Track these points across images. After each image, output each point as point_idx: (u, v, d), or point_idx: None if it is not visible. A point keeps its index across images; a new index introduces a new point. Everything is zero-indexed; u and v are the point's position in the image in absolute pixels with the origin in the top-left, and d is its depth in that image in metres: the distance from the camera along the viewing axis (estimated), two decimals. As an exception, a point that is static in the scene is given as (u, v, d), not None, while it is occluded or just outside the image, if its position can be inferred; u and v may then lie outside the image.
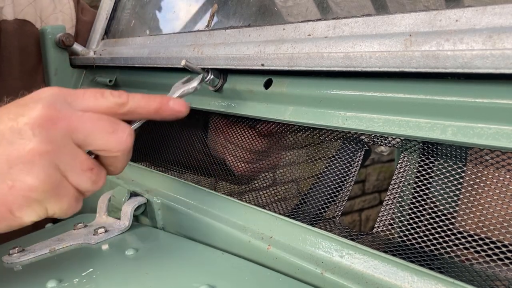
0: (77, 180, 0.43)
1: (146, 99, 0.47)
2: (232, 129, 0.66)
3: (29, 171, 0.39)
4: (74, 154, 0.42)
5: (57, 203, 0.42)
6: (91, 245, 0.56)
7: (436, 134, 0.37)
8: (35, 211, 0.41)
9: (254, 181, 0.62)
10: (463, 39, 0.33)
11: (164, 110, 0.48)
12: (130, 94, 0.46)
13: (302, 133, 0.55)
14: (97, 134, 0.43)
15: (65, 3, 0.91)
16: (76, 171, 0.42)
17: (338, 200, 0.52)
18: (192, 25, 0.74)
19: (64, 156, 0.41)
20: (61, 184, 0.42)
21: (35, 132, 0.40)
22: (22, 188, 0.40)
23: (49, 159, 0.40)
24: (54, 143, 0.40)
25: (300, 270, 0.42)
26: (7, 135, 0.40)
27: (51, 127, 0.40)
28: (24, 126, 0.40)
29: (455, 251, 0.38)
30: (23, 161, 0.39)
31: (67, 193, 0.42)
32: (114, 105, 0.45)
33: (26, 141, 0.39)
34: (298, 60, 0.45)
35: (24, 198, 0.40)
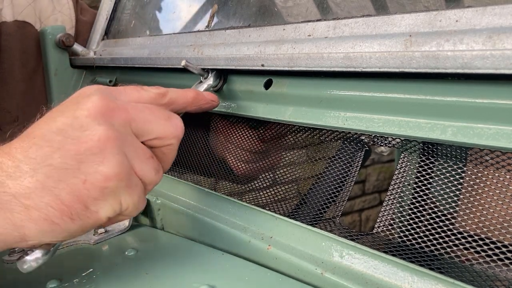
0: (143, 169, 0.42)
1: (182, 90, 0.48)
2: (232, 129, 0.66)
3: (102, 161, 0.38)
4: (136, 142, 0.42)
5: (130, 195, 0.41)
6: (91, 245, 0.56)
7: (436, 134, 0.37)
8: (111, 205, 0.40)
9: (255, 181, 0.62)
10: (463, 39, 0.33)
11: (200, 99, 0.50)
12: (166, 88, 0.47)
13: (302, 133, 0.55)
14: (155, 120, 0.43)
15: (64, 3, 0.91)
16: (141, 159, 0.41)
17: (338, 201, 0.52)
18: (192, 25, 0.74)
19: (129, 144, 0.40)
20: (131, 173, 0.41)
21: (99, 121, 0.39)
22: (97, 180, 0.38)
23: (118, 146, 0.39)
24: (118, 130, 0.40)
25: (300, 270, 0.42)
26: (69, 132, 0.38)
27: (113, 116, 0.40)
28: (85, 119, 0.39)
29: (455, 251, 0.38)
30: (93, 151, 0.38)
31: (136, 183, 0.41)
32: (156, 95, 0.45)
33: (92, 131, 0.38)
34: (298, 61, 0.45)
35: (99, 190, 0.38)
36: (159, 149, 0.45)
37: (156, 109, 0.44)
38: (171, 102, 0.46)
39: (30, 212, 0.37)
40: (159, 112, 0.43)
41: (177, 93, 0.47)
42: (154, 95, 0.45)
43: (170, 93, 0.46)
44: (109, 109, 0.40)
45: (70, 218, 0.38)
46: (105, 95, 0.41)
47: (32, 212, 0.37)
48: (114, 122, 0.39)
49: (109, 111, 0.40)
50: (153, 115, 0.43)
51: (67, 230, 0.39)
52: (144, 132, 0.42)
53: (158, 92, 0.46)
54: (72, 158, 0.38)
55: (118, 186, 0.39)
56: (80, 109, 0.39)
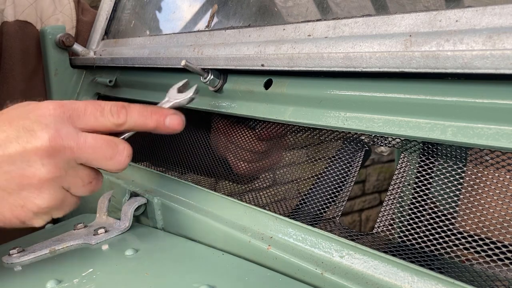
0: (78, 192, 0.49)
1: (143, 118, 0.50)
2: (232, 129, 0.66)
3: (38, 195, 0.46)
4: (77, 173, 0.48)
5: (61, 212, 0.49)
6: (91, 245, 0.56)
7: (436, 135, 0.37)
8: (43, 219, 0.49)
9: (255, 181, 0.62)
10: (463, 39, 0.33)
11: (160, 129, 0.51)
12: (128, 109, 0.50)
13: (302, 133, 0.55)
14: (98, 160, 0.48)
15: (66, 3, 0.91)
16: (78, 186, 0.48)
17: (338, 201, 0.52)
18: (192, 25, 0.74)
19: (68, 177, 0.47)
20: (65, 198, 0.48)
21: (43, 162, 0.45)
22: (32, 208, 0.46)
23: (56, 184, 0.46)
24: (60, 169, 0.46)
25: (300, 270, 0.42)
26: (18, 161, 0.45)
27: (57, 156, 0.46)
28: (33, 156, 0.45)
29: (455, 251, 0.38)
30: (33, 186, 0.45)
31: (69, 203, 0.49)
32: (112, 125, 0.49)
33: (36, 170, 0.45)
34: (298, 61, 0.45)
35: (33, 213, 0.47)
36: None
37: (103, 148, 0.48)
38: (127, 129, 0.50)
39: None
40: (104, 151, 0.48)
41: (136, 122, 0.50)
42: (111, 125, 0.49)
43: (128, 123, 0.49)
44: (56, 150, 0.45)
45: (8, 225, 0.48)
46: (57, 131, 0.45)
47: None
48: (58, 161, 0.46)
49: (55, 152, 0.45)
50: (97, 155, 0.48)
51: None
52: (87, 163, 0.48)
53: (115, 122, 0.49)
54: (15, 185, 0.45)
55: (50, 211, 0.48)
56: (31, 144, 0.45)
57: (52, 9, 0.90)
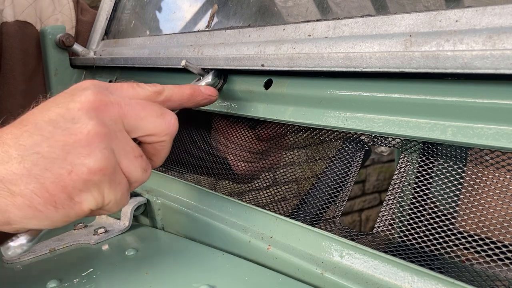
0: (129, 166, 0.42)
1: (179, 87, 0.48)
2: (232, 129, 0.66)
3: (88, 154, 0.39)
4: (126, 140, 0.42)
5: (113, 191, 0.41)
6: (91, 245, 0.56)
7: (436, 135, 0.37)
8: (94, 197, 0.41)
9: (255, 181, 0.62)
10: (463, 39, 0.33)
11: (197, 95, 0.49)
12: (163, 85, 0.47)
13: (302, 133, 0.55)
14: (148, 117, 0.43)
15: (65, 4, 0.91)
16: (129, 157, 0.42)
17: (338, 200, 0.52)
18: (192, 25, 0.74)
19: (118, 140, 0.41)
20: (117, 170, 0.41)
21: (90, 115, 0.40)
22: (82, 172, 0.39)
23: (106, 142, 0.40)
24: (109, 126, 0.40)
25: (300, 270, 0.42)
26: (60, 122, 0.39)
27: (105, 111, 0.41)
28: (77, 112, 0.39)
29: (455, 251, 0.38)
30: (81, 144, 0.39)
31: (121, 180, 0.42)
32: (151, 93, 0.46)
33: (83, 124, 0.39)
34: (298, 61, 0.45)
35: (84, 182, 0.39)
36: (151, 145, 0.45)
37: (149, 105, 0.44)
38: (167, 99, 0.47)
39: (15, 198, 0.38)
40: (151, 108, 0.44)
41: (173, 90, 0.47)
42: (150, 93, 0.46)
43: (166, 91, 0.47)
44: (102, 104, 0.40)
45: (54, 207, 0.39)
46: (100, 90, 0.41)
47: (17, 198, 0.38)
48: (105, 118, 0.40)
49: (102, 106, 0.40)
50: (145, 112, 0.43)
51: (50, 218, 0.39)
52: (135, 129, 0.43)
53: (154, 90, 0.46)
54: (60, 149, 0.38)
55: (102, 180, 0.40)
56: (74, 102, 0.40)
57: (51, 9, 0.90)
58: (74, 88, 0.42)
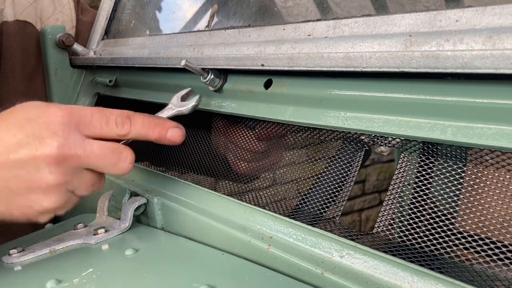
0: (82, 192, 0.52)
1: (146, 129, 0.54)
2: (232, 129, 0.66)
3: (45, 198, 0.49)
4: (82, 177, 0.51)
5: (65, 209, 0.53)
6: (91, 245, 0.56)
7: (436, 134, 0.37)
8: (48, 217, 0.52)
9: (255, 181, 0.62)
10: (463, 39, 0.33)
11: (161, 140, 0.55)
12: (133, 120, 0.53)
13: (302, 133, 0.55)
14: (103, 166, 0.51)
15: (65, 3, 0.91)
16: (81, 189, 0.52)
17: (338, 200, 0.52)
18: (192, 25, 0.74)
19: (74, 181, 0.50)
20: (69, 199, 0.51)
21: (51, 169, 0.48)
22: (39, 209, 0.50)
23: (63, 188, 0.50)
24: (66, 175, 0.49)
25: (300, 270, 0.42)
26: (26, 165, 0.48)
27: (64, 163, 0.49)
28: (41, 163, 0.48)
29: (455, 251, 0.38)
30: (40, 190, 0.49)
31: (72, 201, 0.52)
32: (116, 135, 0.52)
33: (43, 176, 0.48)
34: (298, 60, 0.45)
35: (40, 213, 0.51)
36: None
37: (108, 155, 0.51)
38: (130, 139, 0.54)
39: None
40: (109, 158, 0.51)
41: (139, 133, 0.53)
42: (115, 135, 0.52)
43: (131, 134, 0.53)
44: (63, 158, 0.48)
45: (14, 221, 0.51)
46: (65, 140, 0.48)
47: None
48: (65, 168, 0.49)
49: (63, 159, 0.48)
50: (102, 162, 0.51)
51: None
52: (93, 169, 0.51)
53: (119, 133, 0.52)
54: (24, 188, 0.49)
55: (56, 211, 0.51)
56: (40, 151, 0.48)
57: (51, 9, 0.90)
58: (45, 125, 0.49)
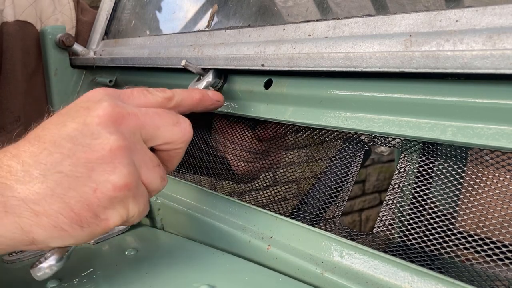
0: (149, 177, 0.42)
1: (188, 91, 0.49)
2: (232, 129, 0.66)
3: (113, 170, 0.38)
4: (145, 150, 0.42)
5: (137, 204, 0.41)
6: (91, 245, 0.56)
7: (436, 134, 0.37)
8: (119, 213, 0.40)
9: (255, 181, 0.62)
10: (463, 39, 0.33)
11: (206, 100, 0.50)
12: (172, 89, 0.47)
13: (302, 133, 0.55)
14: (165, 126, 0.43)
15: (65, 4, 0.91)
16: (148, 167, 0.42)
17: (338, 200, 0.52)
18: (192, 25, 0.74)
19: (137, 152, 0.41)
20: (139, 182, 0.41)
21: (110, 129, 0.39)
22: (107, 189, 0.38)
23: (128, 155, 0.39)
24: (128, 139, 0.40)
25: (300, 270, 0.42)
26: (80, 139, 0.38)
27: (123, 123, 0.40)
28: (96, 127, 0.39)
29: (455, 251, 0.38)
30: (105, 161, 0.38)
31: (143, 192, 0.42)
32: (162, 100, 0.45)
33: (104, 140, 0.38)
34: (298, 61, 0.45)
35: (109, 199, 0.38)
36: (166, 152, 0.45)
37: (164, 114, 0.44)
38: (177, 105, 0.47)
39: (39, 218, 0.37)
40: (167, 117, 0.44)
41: (182, 95, 0.47)
42: (161, 99, 0.45)
43: (176, 96, 0.47)
44: (120, 116, 0.40)
45: (79, 226, 0.38)
46: (115, 102, 0.41)
47: (41, 218, 0.37)
48: (124, 130, 0.40)
49: (120, 118, 0.40)
50: (162, 121, 0.43)
51: (76, 237, 0.39)
52: (153, 138, 0.43)
53: (165, 96, 0.46)
54: (83, 166, 0.38)
55: (127, 195, 0.39)
56: (91, 116, 0.39)
57: (51, 9, 0.90)
58: (87, 99, 0.41)
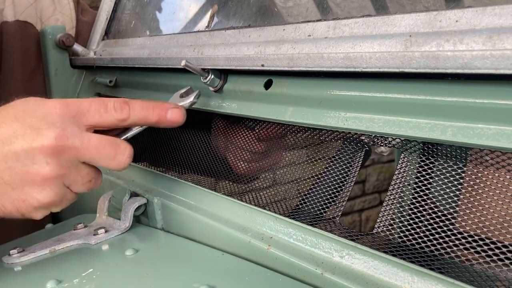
0: (78, 189, 0.51)
1: (146, 112, 0.52)
2: (232, 129, 0.66)
3: (40, 191, 0.47)
4: (79, 172, 0.49)
5: (60, 207, 0.51)
6: (91, 245, 0.56)
7: (436, 135, 0.37)
8: (42, 213, 0.50)
9: (255, 181, 0.62)
10: (463, 39, 0.33)
11: (162, 122, 0.53)
12: (131, 104, 0.51)
13: (302, 133, 0.55)
14: (101, 159, 0.50)
15: (65, 4, 0.91)
16: (77, 185, 0.50)
17: (338, 201, 0.52)
18: (192, 25, 0.74)
19: (70, 175, 0.49)
20: (65, 195, 0.50)
21: (47, 160, 0.46)
22: (33, 203, 0.48)
23: (58, 181, 0.48)
24: (63, 168, 0.48)
25: (300, 270, 0.42)
26: (22, 157, 0.46)
27: (62, 155, 0.47)
28: (38, 154, 0.46)
29: (455, 251, 0.38)
30: (36, 183, 0.47)
31: (68, 198, 0.51)
32: (116, 120, 0.51)
33: (39, 167, 0.46)
34: (298, 61, 0.45)
35: (34, 208, 0.49)
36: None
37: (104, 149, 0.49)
38: (130, 124, 0.52)
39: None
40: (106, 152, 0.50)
41: (139, 116, 0.52)
42: (116, 121, 0.51)
43: (131, 118, 0.51)
44: (61, 150, 0.47)
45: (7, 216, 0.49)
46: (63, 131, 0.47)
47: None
48: (61, 160, 0.47)
49: (60, 151, 0.47)
50: (99, 155, 0.49)
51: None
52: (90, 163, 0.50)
53: (119, 118, 0.51)
54: (19, 180, 0.47)
55: (51, 207, 0.50)
56: (37, 142, 0.46)
57: (51, 9, 0.90)
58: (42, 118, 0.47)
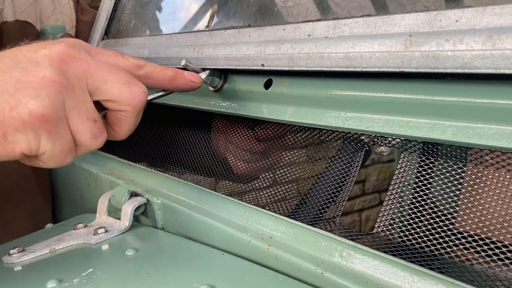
0: (78, 126, 0.42)
1: (162, 67, 0.48)
2: (232, 129, 0.66)
3: (35, 96, 0.39)
4: (84, 98, 0.42)
5: (51, 141, 0.41)
6: (91, 245, 0.56)
7: (436, 135, 0.37)
8: (28, 141, 0.40)
9: (255, 181, 0.62)
10: (463, 39, 0.33)
11: (179, 78, 0.49)
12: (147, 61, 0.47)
13: (302, 133, 0.55)
14: (113, 82, 0.43)
15: (65, 3, 0.91)
16: (80, 114, 0.42)
17: (338, 200, 0.52)
18: (192, 25, 0.74)
19: (74, 96, 0.41)
20: (61, 122, 0.41)
21: (52, 63, 0.40)
22: (23, 112, 0.39)
23: (58, 91, 0.40)
24: (68, 79, 0.40)
25: (300, 270, 0.42)
26: (23, 63, 0.40)
27: (70, 64, 0.41)
28: (43, 57, 0.40)
29: (455, 251, 0.38)
30: (32, 85, 0.39)
31: (63, 135, 0.41)
32: (132, 65, 0.46)
33: (41, 69, 0.40)
34: (298, 61, 0.45)
35: (22, 122, 0.39)
36: (114, 113, 0.45)
37: (118, 71, 0.43)
38: (146, 75, 0.47)
39: None
40: (119, 74, 0.43)
41: (155, 68, 0.47)
42: (131, 65, 0.45)
43: (147, 67, 0.47)
44: (69, 57, 0.41)
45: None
46: (75, 47, 0.42)
47: None
48: (68, 70, 0.41)
49: (68, 58, 0.41)
50: (111, 76, 0.43)
51: None
52: (98, 91, 0.43)
53: (135, 63, 0.46)
54: (12, 85, 0.39)
55: (42, 126, 0.39)
56: (45, 48, 0.41)
57: (51, 9, 0.90)
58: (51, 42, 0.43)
